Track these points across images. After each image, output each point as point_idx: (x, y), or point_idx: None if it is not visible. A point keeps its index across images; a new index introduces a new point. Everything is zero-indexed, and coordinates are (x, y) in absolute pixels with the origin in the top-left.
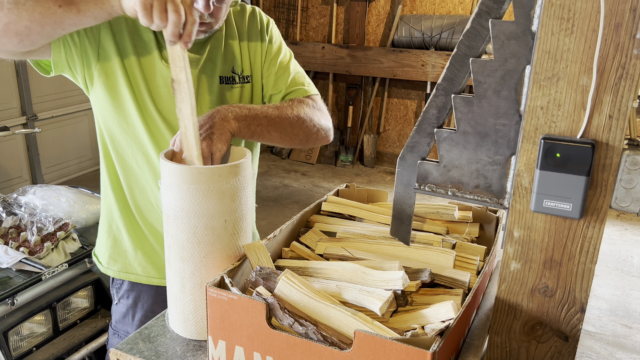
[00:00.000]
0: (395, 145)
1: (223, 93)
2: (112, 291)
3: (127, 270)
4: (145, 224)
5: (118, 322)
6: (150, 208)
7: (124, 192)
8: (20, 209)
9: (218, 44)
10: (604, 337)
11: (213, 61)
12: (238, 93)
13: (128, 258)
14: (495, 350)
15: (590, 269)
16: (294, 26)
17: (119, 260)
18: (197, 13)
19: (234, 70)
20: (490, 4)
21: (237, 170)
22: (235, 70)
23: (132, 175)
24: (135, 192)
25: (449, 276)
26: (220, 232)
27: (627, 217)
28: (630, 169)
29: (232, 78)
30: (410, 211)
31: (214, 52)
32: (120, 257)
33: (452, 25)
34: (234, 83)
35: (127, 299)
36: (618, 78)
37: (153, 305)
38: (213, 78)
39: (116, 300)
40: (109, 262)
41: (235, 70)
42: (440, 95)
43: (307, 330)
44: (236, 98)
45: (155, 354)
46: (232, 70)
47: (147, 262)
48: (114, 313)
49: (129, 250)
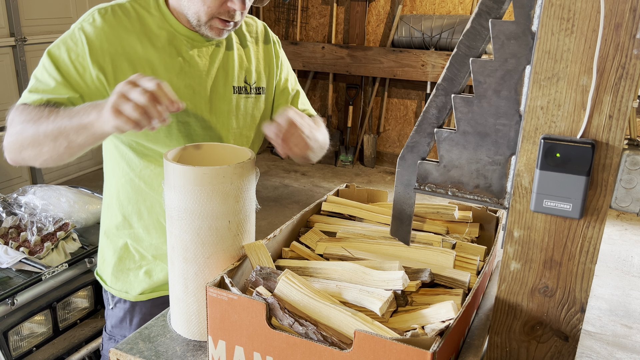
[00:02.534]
0: (395, 145)
1: (238, 103)
2: (107, 296)
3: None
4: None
5: (114, 327)
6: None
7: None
8: (20, 209)
9: (231, 53)
10: (604, 337)
11: (226, 70)
12: (252, 103)
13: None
14: (495, 350)
15: (590, 269)
16: (294, 26)
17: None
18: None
19: (247, 80)
20: (490, 4)
21: (241, 171)
22: (248, 80)
23: (142, 194)
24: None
25: (449, 276)
26: (224, 233)
27: (627, 217)
28: (630, 169)
29: (244, 88)
30: (410, 211)
31: (226, 61)
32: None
33: (452, 25)
34: (247, 93)
35: (124, 303)
36: (618, 78)
37: (152, 308)
38: (226, 87)
39: (111, 304)
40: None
41: (248, 81)
42: (440, 95)
43: (307, 330)
44: (251, 109)
45: (155, 354)
46: (245, 80)
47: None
48: (109, 318)
49: (132, 270)
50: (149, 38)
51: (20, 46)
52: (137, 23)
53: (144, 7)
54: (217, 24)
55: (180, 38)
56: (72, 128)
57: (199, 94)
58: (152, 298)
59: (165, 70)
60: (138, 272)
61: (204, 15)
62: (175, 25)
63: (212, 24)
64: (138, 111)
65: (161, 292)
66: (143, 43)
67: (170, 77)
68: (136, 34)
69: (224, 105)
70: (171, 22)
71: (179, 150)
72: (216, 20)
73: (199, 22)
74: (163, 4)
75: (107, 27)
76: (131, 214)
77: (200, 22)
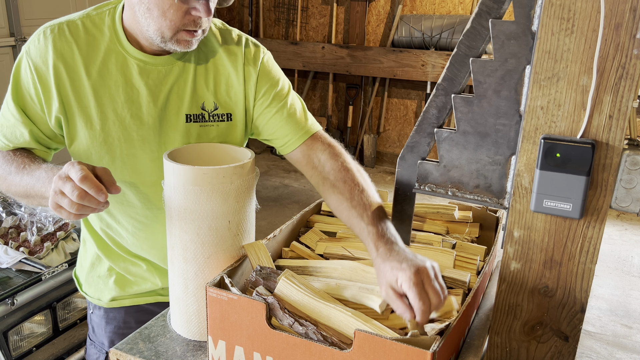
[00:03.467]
0: (395, 145)
1: (192, 132)
2: (87, 300)
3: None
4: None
5: (93, 333)
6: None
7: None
8: (20, 209)
9: (185, 78)
10: (604, 337)
11: (179, 97)
12: (215, 132)
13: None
14: (495, 350)
15: (590, 269)
16: (294, 26)
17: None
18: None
19: (205, 107)
20: (491, 4)
21: (241, 172)
22: (206, 107)
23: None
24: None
25: (449, 276)
26: (224, 233)
27: (627, 217)
28: (630, 169)
29: (201, 115)
30: (410, 211)
31: (180, 86)
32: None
33: (452, 25)
34: (204, 121)
35: (99, 309)
36: (618, 78)
37: (126, 316)
38: (179, 115)
39: (91, 309)
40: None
41: (206, 107)
42: (440, 95)
43: (307, 330)
44: (212, 137)
45: (155, 354)
46: (203, 107)
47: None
48: (90, 323)
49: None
50: (96, 63)
51: (20, 46)
52: (85, 45)
53: (96, 25)
54: (184, 36)
55: (131, 62)
56: (36, 195)
57: (146, 124)
58: (121, 306)
59: (110, 100)
60: (108, 280)
61: (167, 31)
62: (127, 47)
63: (179, 37)
64: (75, 207)
65: (135, 301)
66: (88, 69)
67: (114, 107)
68: (83, 58)
69: (176, 135)
70: (123, 44)
71: (178, 150)
72: (182, 33)
73: (163, 38)
74: (119, 24)
75: (52, 49)
76: (107, 222)
77: (165, 39)
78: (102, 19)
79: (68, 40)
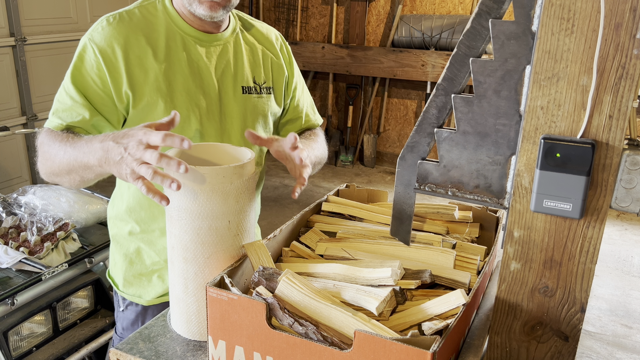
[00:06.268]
0: (395, 145)
1: (248, 103)
2: (117, 297)
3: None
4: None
5: (126, 329)
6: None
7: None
8: (20, 209)
9: (239, 54)
10: (604, 337)
11: (234, 70)
12: (264, 103)
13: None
14: (495, 350)
15: (590, 269)
16: (294, 26)
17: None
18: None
19: (256, 80)
20: (490, 4)
21: (241, 171)
22: (257, 80)
23: None
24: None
25: (449, 277)
26: (224, 232)
27: (627, 217)
28: (630, 169)
29: (254, 88)
30: (410, 211)
31: (235, 61)
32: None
33: (452, 25)
34: (258, 93)
35: (135, 306)
36: (618, 78)
37: (163, 310)
38: (236, 87)
39: (122, 307)
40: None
41: (257, 81)
42: (440, 95)
43: (307, 330)
44: (262, 109)
45: (155, 354)
46: (254, 80)
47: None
48: (120, 320)
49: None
50: (159, 42)
51: (20, 46)
52: (146, 28)
53: (151, 12)
54: None
55: (188, 39)
56: (80, 166)
57: (208, 96)
58: (165, 302)
59: (176, 74)
60: (151, 276)
61: None
62: (184, 27)
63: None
64: (158, 175)
65: None
66: (153, 48)
67: (182, 80)
68: (145, 38)
69: (234, 106)
70: (178, 24)
71: (178, 150)
72: None
73: (190, 1)
74: (170, 5)
75: (116, 34)
76: (145, 219)
77: (191, 0)
78: (155, 7)
79: (130, 26)
